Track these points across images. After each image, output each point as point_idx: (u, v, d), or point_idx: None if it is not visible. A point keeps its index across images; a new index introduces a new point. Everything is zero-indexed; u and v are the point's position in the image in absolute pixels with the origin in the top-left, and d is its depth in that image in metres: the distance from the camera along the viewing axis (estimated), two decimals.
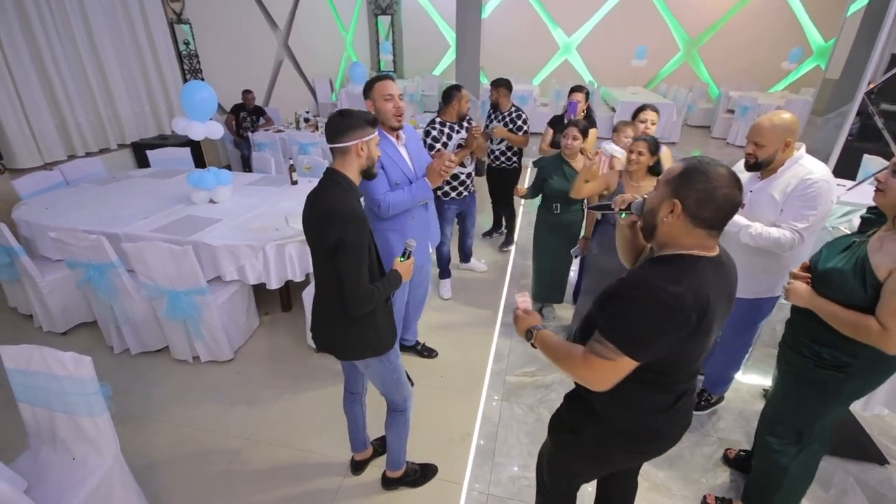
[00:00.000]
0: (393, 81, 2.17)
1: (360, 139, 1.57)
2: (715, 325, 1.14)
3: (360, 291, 1.53)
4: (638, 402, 1.24)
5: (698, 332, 1.09)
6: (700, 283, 1.08)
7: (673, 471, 2.21)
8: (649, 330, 1.08)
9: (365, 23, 11.24)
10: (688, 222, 1.10)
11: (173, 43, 5.63)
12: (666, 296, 1.06)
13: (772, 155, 1.91)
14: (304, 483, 2.15)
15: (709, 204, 1.07)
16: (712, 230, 1.11)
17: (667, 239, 1.16)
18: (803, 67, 9.74)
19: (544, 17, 10.68)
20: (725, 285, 1.17)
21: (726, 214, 1.09)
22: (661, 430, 1.31)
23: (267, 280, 2.91)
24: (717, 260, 1.16)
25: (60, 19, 4.37)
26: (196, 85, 3.06)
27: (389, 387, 1.85)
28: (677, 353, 1.14)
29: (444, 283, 3.70)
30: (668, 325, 1.07)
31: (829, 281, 1.51)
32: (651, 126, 2.83)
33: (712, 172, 1.07)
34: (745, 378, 2.80)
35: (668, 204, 1.12)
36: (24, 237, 3.24)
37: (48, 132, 4.33)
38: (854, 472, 2.21)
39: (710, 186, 1.07)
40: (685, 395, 1.28)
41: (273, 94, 7.84)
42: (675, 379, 1.22)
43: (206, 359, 2.89)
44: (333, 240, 1.48)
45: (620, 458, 1.40)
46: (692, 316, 1.06)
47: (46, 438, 1.72)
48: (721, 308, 1.14)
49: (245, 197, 3.57)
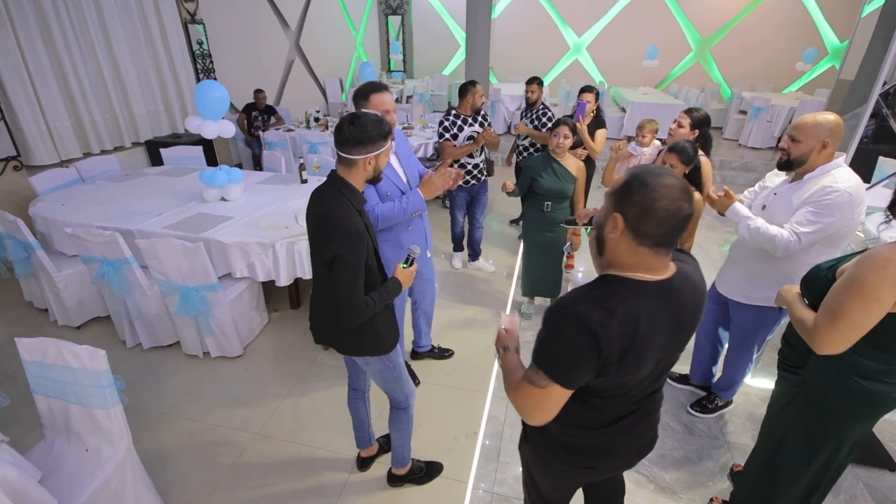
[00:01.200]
0: (387, 93, 2.08)
1: (370, 154, 1.53)
2: (650, 356, 1.05)
3: (352, 306, 1.51)
4: (569, 417, 1.15)
5: (624, 363, 1.01)
6: (632, 311, 0.99)
7: (680, 474, 2.20)
8: (571, 357, 1.01)
9: (375, 23, 11.28)
10: (631, 239, 1.01)
11: (187, 43, 5.70)
12: (589, 322, 0.98)
13: (806, 154, 1.81)
14: (311, 478, 2.17)
15: (649, 218, 0.97)
16: (659, 248, 1.01)
17: (612, 257, 1.06)
18: (818, 68, 9.59)
19: (555, 17, 10.64)
20: (673, 312, 1.05)
21: (672, 230, 0.98)
22: (603, 447, 1.22)
23: (276, 277, 2.94)
24: (666, 284, 1.05)
25: (77, 20, 4.46)
26: (209, 84, 3.11)
27: (390, 384, 1.86)
28: (607, 381, 1.07)
29: (456, 255, 4.14)
30: (589, 353, 0.99)
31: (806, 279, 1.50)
32: (677, 129, 2.65)
33: (654, 183, 0.97)
34: (754, 382, 2.77)
35: (611, 218, 1.02)
36: (41, 233, 3.31)
37: (65, 130, 4.41)
38: (864, 477, 2.18)
39: (650, 198, 0.96)
40: (628, 417, 1.18)
41: (284, 94, 7.90)
42: (609, 403, 1.15)
43: (216, 354, 2.93)
44: (329, 254, 1.48)
45: (567, 473, 1.32)
46: (614, 346, 0.98)
47: (61, 429, 1.76)
48: (663, 337, 1.05)
49: (256, 195, 3.61)
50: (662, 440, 2.38)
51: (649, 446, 1.31)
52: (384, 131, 1.54)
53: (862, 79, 5.31)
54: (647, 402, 1.21)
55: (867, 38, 4.86)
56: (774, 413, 1.68)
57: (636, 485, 2.14)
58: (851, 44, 4.19)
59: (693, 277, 1.12)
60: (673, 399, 2.65)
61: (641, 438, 1.27)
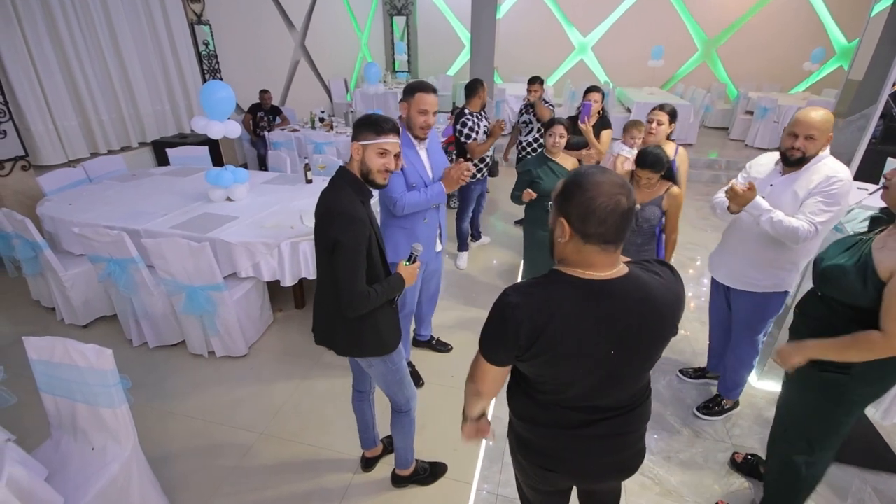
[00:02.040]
0: (433, 94, 2.20)
1: (359, 142, 1.58)
2: (571, 352, 1.04)
3: (354, 293, 1.53)
4: (521, 410, 1.24)
5: (536, 353, 1.04)
6: (548, 300, 1.02)
7: (686, 476, 2.19)
8: (488, 332, 1.12)
9: (380, 23, 11.30)
10: (579, 240, 1.03)
11: (193, 43, 5.73)
12: (504, 304, 1.06)
13: (819, 149, 1.88)
14: (315, 479, 2.17)
15: (591, 218, 0.99)
16: (607, 245, 1.02)
17: (560, 256, 1.10)
18: (826, 68, 9.52)
19: (560, 17, 10.62)
20: (602, 312, 1.03)
21: (617, 224, 0.99)
22: (554, 450, 1.21)
23: (281, 277, 2.94)
24: (602, 285, 1.04)
25: (85, 21, 4.49)
26: (215, 85, 3.12)
27: (392, 387, 1.86)
28: (531, 370, 1.13)
29: (461, 255, 4.20)
30: (498, 332, 1.08)
31: (829, 277, 1.49)
32: (657, 126, 2.79)
33: (588, 183, 0.99)
34: (760, 384, 2.75)
35: (558, 224, 1.05)
36: (48, 232, 3.33)
37: (72, 130, 4.45)
38: (872, 481, 2.16)
39: (587, 198, 0.98)
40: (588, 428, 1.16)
41: (289, 94, 7.93)
42: (551, 400, 1.16)
43: (221, 354, 2.94)
44: (330, 240, 1.50)
45: (530, 470, 1.31)
46: (520, 332, 1.03)
47: (67, 428, 1.77)
48: (589, 337, 1.04)
49: (261, 195, 3.62)
50: (668, 442, 2.36)
51: (626, 468, 1.26)
52: (385, 128, 1.58)
53: (871, 79, 5.26)
54: (609, 417, 1.16)
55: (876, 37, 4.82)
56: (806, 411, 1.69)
57: (641, 487, 2.13)
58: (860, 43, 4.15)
59: (650, 287, 1.07)
60: (678, 401, 2.63)
61: (613, 457, 1.22)
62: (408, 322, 2.68)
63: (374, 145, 1.57)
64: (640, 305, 1.05)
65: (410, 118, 2.21)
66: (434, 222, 2.42)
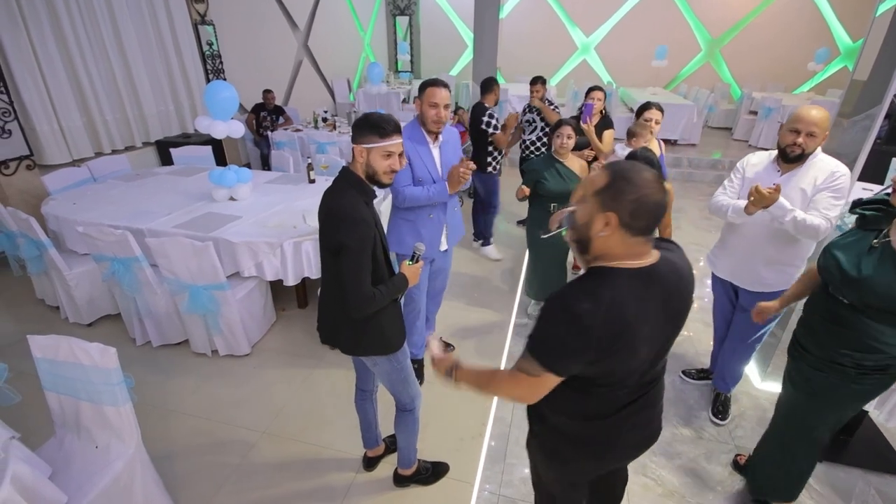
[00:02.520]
0: (444, 89, 2.21)
1: (362, 145, 1.57)
2: (643, 341, 1.08)
3: (360, 295, 1.53)
4: (574, 408, 1.22)
5: (616, 348, 1.05)
6: (619, 298, 1.04)
7: (688, 478, 2.18)
8: (561, 346, 1.07)
9: (383, 23, 11.31)
10: (624, 233, 1.05)
11: (197, 44, 5.75)
12: (577, 310, 1.03)
13: (818, 146, 1.92)
14: (317, 478, 2.18)
15: (642, 213, 1.03)
16: (648, 236, 1.09)
17: (602, 251, 1.10)
18: (830, 68, 9.47)
19: (563, 16, 10.61)
20: (660, 296, 1.10)
21: (658, 216, 1.06)
22: (607, 437, 1.25)
23: (284, 276, 2.95)
24: (652, 270, 1.10)
25: (90, 22, 4.51)
26: (219, 85, 3.13)
27: (397, 386, 1.86)
28: (601, 369, 1.10)
29: (488, 248, 4.40)
30: (577, 342, 1.04)
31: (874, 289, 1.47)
32: (655, 125, 2.83)
33: (639, 180, 1.03)
34: (763, 385, 2.74)
35: (601, 217, 1.05)
36: (53, 231, 3.35)
37: (76, 130, 4.47)
38: (875, 483, 2.15)
39: (642, 195, 1.02)
40: (629, 406, 1.21)
41: (292, 94, 7.94)
42: (610, 391, 1.17)
43: (224, 353, 2.95)
44: (335, 242, 1.50)
45: (574, 464, 1.34)
46: (602, 335, 1.03)
47: (71, 426, 1.78)
48: (654, 321, 1.09)
49: (264, 195, 3.63)
50: (671, 444, 2.36)
51: (653, 438, 1.34)
52: (381, 130, 1.55)
53: (876, 79, 5.22)
54: (647, 391, 1.23)
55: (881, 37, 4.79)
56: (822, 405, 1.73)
57: (643, 488, 2.13)
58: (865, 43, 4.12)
59: (678, 264, 1.16)
60: (681, 402, 2.62)
61: (645, 430, 1.30)
62: (417, 321, 2.69)
63: (379, 148, 1.57)
64: (678, 282, 1.14)
65: (422, 113, 2.25)
66: (440, 220, 2.42)
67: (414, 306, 2.56)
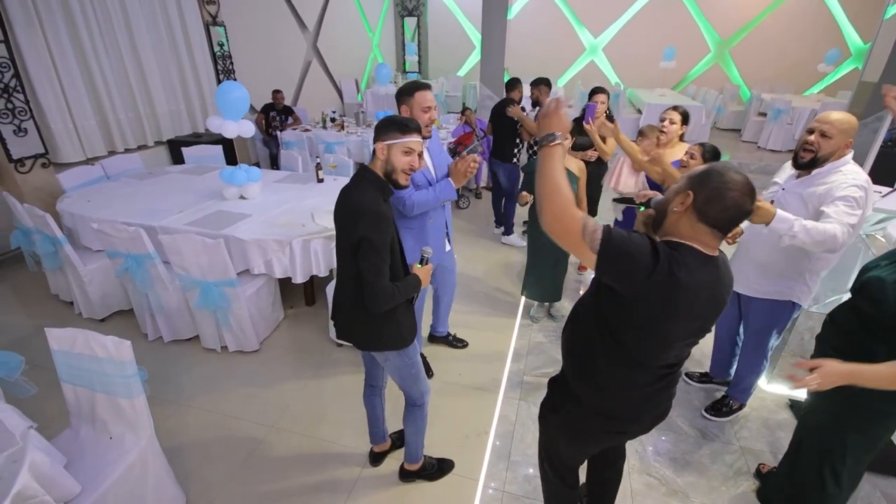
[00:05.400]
0: (430, 92, 2.23)
1: (384, 141, 1.62)
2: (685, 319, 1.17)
3: (379, 290, 1.57)
4: (610, 382, 1.32)
5: (663, 309, 1.13)
6: (683, 268, 1.12)
7: (692, 478, 2.19)
8: (630, 244, 1.11)
9: (391, 24, 11.37)
10: (694, 216, 1.16)
11: (208, 44, 5.82)
12: (659, 248, 1.13)
13: (832, 150, 1.80)
14: (324, 472, 2.21)
15: (716, 203, 1.12)
16: (716, 230, 1.16)
17: (671, 228, 1.21)
18: (841, 70, 9.39)
19: (571, 18, 10.60)
20: (713, 284, 1.18)
21: (732, 217, 1.14)
22: (636, 411, 1.37)
23: (293, 274, 2.99)
24: (714, 259, 1.19)
25: (104, 23, 4.59)
26: (230, 85, 3.18)
27: (408, 381, 1.89)
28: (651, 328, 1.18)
29: (511, 237, 4.58)
30: (640, 260, 1.10)
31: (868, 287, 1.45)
32: (670, 125, 2.84)
33: (728, 176, 1.13)
34: (770, 388, 2.74)
35: (682, 195, 1.17)
36: (67, 228, 3.42)
37: (90, 129, 4.55)
38: (881, 486, 2.14)
39: (723, 187, 1.12)
40: (656, 384, 1.32)
41: (301, 94, 8.01)
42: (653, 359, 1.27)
43: (233, 349, 2.99)
44: (356, 237, 1.53)
45: (601, 437, 1.48)
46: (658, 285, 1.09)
47: (86, 418, 1.82)
48: (701, 304, 1.17)
49: (273, 194, 3.68)
50: (675, 444, 2.36)
51: (665, 415, 1.43)
52: (403, 127, 1.62)
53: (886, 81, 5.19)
54: (672, 371, 1.33)
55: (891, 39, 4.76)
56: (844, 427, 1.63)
57: (647, 487, 2.14)
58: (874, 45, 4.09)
59: (727, 262, 1.26)
60: (686, 403, 2.63)
61: (660, 408, 1.40)
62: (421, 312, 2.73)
63: (400, 144, 1.61)
64: (727, 277, 1.23)
65: (415, 118, 2.17)
66: (441, 221, 2.44)
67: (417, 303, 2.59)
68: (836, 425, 1.63)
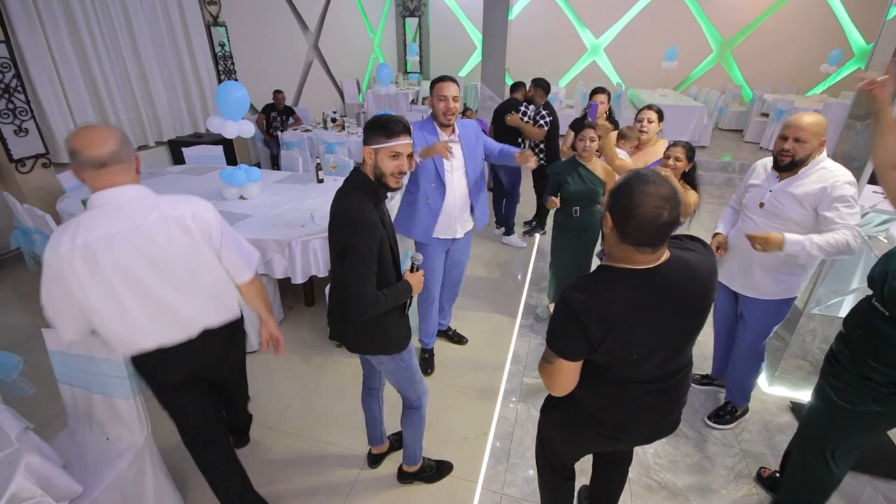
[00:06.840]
0: (452, 83, 2.33)
1: (370, 146, 1.59)
2: (641, 335, 1.14)
3: (362, 297, 1.53)
4: (596, 392, 1.31)
5: (612, 338, 1.12)
6: (611, 294, 1.11)
7: (693, 480, 2.18)
8: (561, 334, 1.17)
9: (393, 24, 11.38)
10: (616, 236, 1.11)
11: (209, 45, 5.83)
12: (571, 302, 1.13)
13: (809, 152, 1.88)
14: (322, 474, 2.20)
15: (629, 221, 1.06)
16: (642, 247, 1.09)
17: (606, 249, 1.20)
18: (844, 70, 9.36)
19: (572, 18, 10.59)
20: (661, 295, 1.13)
21: (653, 233, 1.06)
22: (631, 423, 1.35)
23: (292, 274, 2.98)
24: (651, 272, 1.12)
25: (105, 23, 4.60)
26: (231, 85, 3.17)
27: (403, 384, 1.88)
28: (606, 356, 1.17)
29: (511, 237, 4.57)
30: (571, 330, 1.13)
31: None
32: (648, 124, 2.83)
33: (637, 189, 1.04)
34: (771, 390, 2.72)
35: (606, 216, 1.14)
36: None
37: None
38: (883, 489, 2.13)
39: (631, 204, 1.04)
40: (645, 398, 1.28)
41: (302, 95, 8.02)
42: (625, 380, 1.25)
43: None
44: (341, 244, 1.51)
45: (595, 440, 1.46)
46: (595, 323, 1.10)
47: (83, 418, 1.81)
48: (653, 318, 1.13)
49: (273, 194, 3.67)
50: (675, 446, 2.35)
51: (668, 429, 1.40)
52: (388, 130, 1.57)
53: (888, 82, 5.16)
54: (667, 383, 1.28)
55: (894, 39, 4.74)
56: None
57: (648, 490, 2.13)
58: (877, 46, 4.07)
59: (692, 263, 1.18)
60: (687, 405, 2.60)
61: (660, 420, 1.37)
62: (432, 310, 2.73)
63: (387, 149, 1.58)
64: (688, 282, 1.15)
65: (433, 107, 2.35)
66: (437, 207, 2.44)
67: (428, 295, 2.62)
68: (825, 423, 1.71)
